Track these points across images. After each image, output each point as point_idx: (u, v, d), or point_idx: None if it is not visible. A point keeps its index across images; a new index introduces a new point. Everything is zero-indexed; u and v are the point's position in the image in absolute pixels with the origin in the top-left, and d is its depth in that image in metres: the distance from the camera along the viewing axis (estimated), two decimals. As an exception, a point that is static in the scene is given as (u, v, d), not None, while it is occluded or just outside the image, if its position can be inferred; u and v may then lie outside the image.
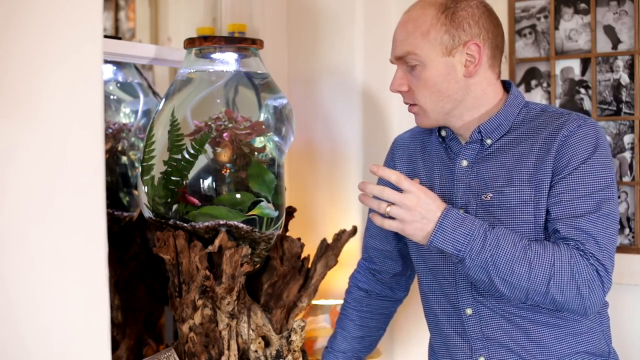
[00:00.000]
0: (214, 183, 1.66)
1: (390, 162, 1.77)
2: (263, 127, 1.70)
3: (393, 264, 1.80)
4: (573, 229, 1.47)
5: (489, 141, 1.57)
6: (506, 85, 1.63)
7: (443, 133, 1.65)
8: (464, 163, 1.59)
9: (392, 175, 1.45)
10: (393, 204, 1.44)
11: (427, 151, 1.69)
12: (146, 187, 1.68)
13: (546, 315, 1.54)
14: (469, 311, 1.58)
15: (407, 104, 1.60)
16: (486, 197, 1.54)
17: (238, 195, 1.67)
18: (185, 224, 1.65)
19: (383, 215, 1.47)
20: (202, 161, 1.66)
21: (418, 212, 1.43)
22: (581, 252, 1.45)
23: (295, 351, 1.77)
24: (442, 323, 1.66)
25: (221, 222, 1.64)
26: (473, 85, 1.57)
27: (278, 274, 1.77)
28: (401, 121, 1.82)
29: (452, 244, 1.43)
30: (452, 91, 1.56)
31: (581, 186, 1.48)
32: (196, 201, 1.64)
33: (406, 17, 1.57)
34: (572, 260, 1.44)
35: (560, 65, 2.26)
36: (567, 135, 1.50)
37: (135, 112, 1.98)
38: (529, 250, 1.44)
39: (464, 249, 1.43)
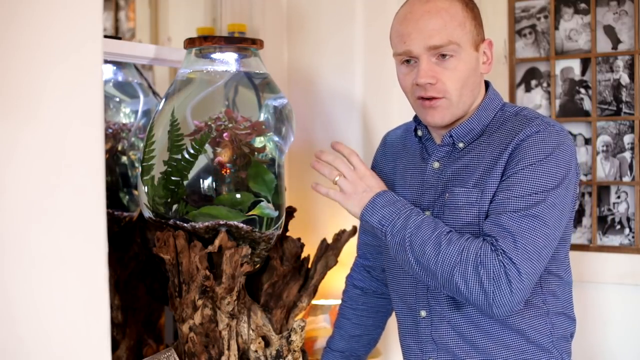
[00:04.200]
0: (214, 183, 1.66)
1: (376, 158, 1.79)
2: (263, 127, 1.70)
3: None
4: (495, 225, 1.44)
5: (461, 145, 1.57)
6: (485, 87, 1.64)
7: (419, 133, 1.64)
8: (436, 165, 1.59)
9: (346, 150, 1.58)
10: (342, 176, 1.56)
11: (406, 149, 1.69)
12: (146, 187, 1.68)
13: (493, 326, 1.53)
14: (423, 313, 1.59)
15: (428, 98, 1.53)
16: (445, 197, 1.54)
17: (238, 195, 1.67)
18: (185, 224, 1.65)
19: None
20: (202, 161, 1.66)
21: (360, 185, 1.54)
22: (493, 247, 1.41)
23: (295, 351, 1.77)
24: (400, 323, 1.68)
25: (221, 222, 1.64)
26: (482, 83, 1.59)
27: (278, 274, 1.77)
28: (401, 121, 1.82)
29: (378, 219, 1.50)
30: (476, 86, 1.56)
31: (518, 187, 1.45)
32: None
33: (432, 6, 1.51)
34: (479, 252, 1.41)
35: (560, 65, 2.26)
36: (522, 139, 1.48)
37: (135, 112, 1.98)
38: (443, 237, 1.44)
39: (387, 224, 1.49)
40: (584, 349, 2.16)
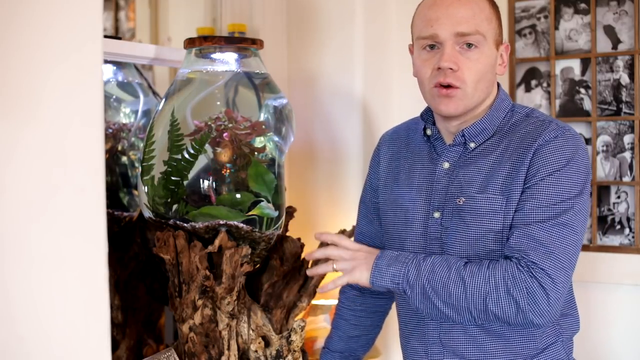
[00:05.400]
0: (214, 183, 1.66)
1: (375, 158, 1.77)
2: (263, 127, 1.70)
3: None
4: (523, 237, 1.44)
5: (472, 145, 1.56)
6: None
7: (428, 132, 1.63)
8: (446, 165, 1.58)
9: (333, 237, 1.58)
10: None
11: (410, 149, 1.68)
12: (146, 187, 1.68)
13: (502, 329, 1.53)
14: None
15: (445, 85, 1.52)
16: (459, 201, 1.53)
17: (238, 195, 1.67)
18: (185, 224, 1.65)
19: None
20: (202, 161, 1.66)
21: (359, 256, 1.54)
22: (521, 265, 1.42)
23: (295, 351, 1.77)
24: (403, 324, 1.67)
25: (221, 222, 1.64)
26: (495, 83, 1.60)
27: (278, 274, 1.77)
28: (401, 120, 1.82)
29: (390, 279, 1.49)
30: (490, 83, 1.57)
31: (544, 196, 1.45)
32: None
33: None
34: (506, 274, 1.42)
35: (560, 65, 2.26)
36: (541, 144, 1.49)
37: (135, 112, 1.98)
38: (463, 270, 1.44)
39: (401, 281, 1.48)
40: (585, 349, 2.16)
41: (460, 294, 1.43)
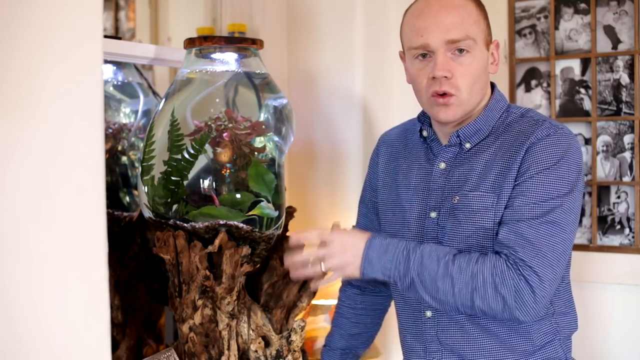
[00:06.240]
0: (214, 183, 1.66)
1: (374, 159, 1.78)
2: (263, 127, 1.70)
3: None
4: (512, 234, 1.44)
5: (467, 145, 1.57)
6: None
7: (425, 133, 1.64)
8: (442, 165, 1.59)
9: (313, 235, 1.54)
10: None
11: (408, 150, 1.69)
12: (146, 187, 1.68)
13: (499, 327, 1.54)
14: (428, 313, 1.59)
15: (440, 94, 1.53)
16: (454, 200, 1.54)
17: (238, 195, 1.67)
18: (185, 224, 1.65)
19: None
20: (202, 161, 1.66)
21: (347, 253, 1.50)
22: (510, 262, 1.42)
23: (295, 351, 1.77)
24: (402, 323, 1.68)
25: (221, 222, 1.64)
26: (489, 83, 1.60)
27: (278, 274, 1.77)
28: (401, 121, 1.82)
29: (381, 272, 1.49)
30: (484, 84, 1.57)
31: (533, 193, 1.46)
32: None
33: (449, 3, 1.52)
34: (494, 271, 1.42)
35: (560, 65, 2.26)
36: (533, 142, 1.49)
37: (135, 112, 1.98)
38: (451, 265, 1.44)
39: (391, 274, 1.48)
40: (585, 349, 2.16)
41: (448, 289, 1.44)
